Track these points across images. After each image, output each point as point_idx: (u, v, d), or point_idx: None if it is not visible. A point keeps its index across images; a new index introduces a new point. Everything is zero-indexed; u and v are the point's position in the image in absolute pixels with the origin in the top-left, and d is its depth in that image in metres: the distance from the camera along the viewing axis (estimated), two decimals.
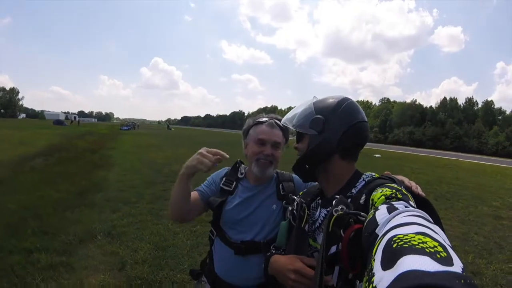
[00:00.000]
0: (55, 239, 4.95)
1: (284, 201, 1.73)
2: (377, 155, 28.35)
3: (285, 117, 1.35)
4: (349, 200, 1.08)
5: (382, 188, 0.98)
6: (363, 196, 1.06)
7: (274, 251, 1.42)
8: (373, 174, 1.20)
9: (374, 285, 0.54)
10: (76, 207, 6.70)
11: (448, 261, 0.50)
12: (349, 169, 1.24)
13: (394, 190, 0.94)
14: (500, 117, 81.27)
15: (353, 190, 1.16)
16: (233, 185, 1.87)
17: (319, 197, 1.32)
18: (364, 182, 1.17)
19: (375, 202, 0.93)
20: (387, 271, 0.53)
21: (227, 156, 1.57)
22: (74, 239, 4.99)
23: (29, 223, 5.50)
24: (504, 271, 4.96)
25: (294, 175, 1.83)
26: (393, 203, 0.84)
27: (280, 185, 1.84)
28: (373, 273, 0.57)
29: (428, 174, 16.38)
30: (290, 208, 1.38)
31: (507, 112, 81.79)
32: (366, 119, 1.24)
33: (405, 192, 0.95)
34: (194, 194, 1.83)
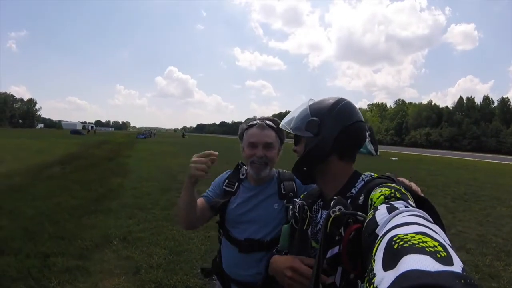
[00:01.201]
0: (71, 244, 5.02)
1: (286, 200, 1.78)
2: (393, 158, 28.18)
3: (283, 120, 1.36)
4: (349, 200, 1.08)
5: (381, 188, 0.98)
6: (362, 196, 1.06)
7: (275, 253, 1.42)
8: (372, 174, 1.20)
9: (375, 285, 0.54)
10: (92, 213, 6.80)
11: (448, 261, 0.50)
12: (347, 169, 1.24)
13: (393, 190, 0.93)
14: None
15: (353, 191, 1.15)
16: (235, 186, 1.90)
17: (320, 199, 1.32)
18: (363, 182, 1.16)
19: (374, 202, 0.93)
20: (388, 272, 0.53)
21: (216, 153, 1.61)
22: (90, 244, 5.04)
23: (46, 228, 5.60)
24: None
25: None
26: (392, 202, 0.84)
27: (281, 184, 1.86)
28: (374, 274, 0.57)
29: (445, 176, 16.18)
30: (291, 212, 1.37)
31: None
32: (362, 119, 1.24)
33: (404, 192, 0.95)
34: (200, 201, 1.89)
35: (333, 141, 1.17)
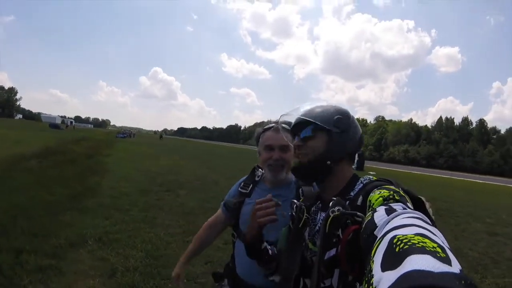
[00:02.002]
0: (45, 241, 4.86)
1: None
2: (371, 173, 28.48)
3: (302, 111, 1.30)
4: (347, 202, 1.08)
5: (380, 190, 0.98)
6: (360, 197, 1.07)
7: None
8: (371, 177, 1.20)
9: (373, 286, 0.54)
10: (68, 211, 6.63)
11: (447, 262, 0.50)
12: (349, 172, 1.26)
13: (391, 192, 0.94)
14: (494, 136, 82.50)
15: (352, 193, 1.15)
16: (250, 188, 1.95)
17: (319, 201, 1.32)
18: (362, 184, 1.16)
19: (373, 204, 0.92)
20: (387, 272, 0.53)
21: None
22: (65, 243, 4.90)
23: (20, 222, 5.42)
24: (499, 285, 5.03)
25: None
26: (391, 204, 0.85)
27: (300, 189, 1.79)
28: (372, 275, 0.56)
29: (422, 193, 16.32)
30: (289, 213, 1.38)
31: (502, 132, 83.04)
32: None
33: (403, 194, 0.95)
34: (219, 213, 2.09)
35: (356, 142, 1.25)
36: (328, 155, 1.22)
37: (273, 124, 1.88)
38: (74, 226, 5.73)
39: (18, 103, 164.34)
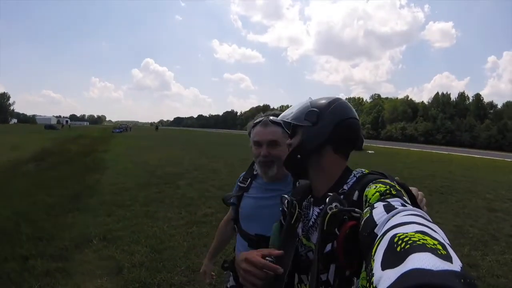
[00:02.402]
0: (50, 245, 4.90)
1: None
2: (370, 151, 28.58)
3: (283, 113, 1.37)
4: (342, 197, 1.07)
5: (376, 184, 0.97)
6: (356, 192, 1.06)
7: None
8: (363, 170, 1.20)
9: (374, 285, 0.54)
10: (69, 212, 6.66)
11: (448, 259, 0.50)
12: (340, 165, 1.24)
13: (388, 186, 0.93)
14: (491, 111, 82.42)
15: (345, 187, 1.15)
16: (248, 182, 1.94)
17: (310, 196, 1.31)
18: (355, 178, 1.16)
19: (370, 199, 0.92)
20: (387, 271, 0.53)
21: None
22: (70, 244, 4.94)
23: (23, 228, 5.44)
24: (500, 262, 5.04)
25: None
26: (389, 200, 0.84)
27: (297, 183, 1.82)
28: (373, 273, 0.57)
29: (421, 169, 16.52)
30: (280, 208, 1.39)
31: (499, 106, 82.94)
32: (357, 117, 1.27)
33: (399, 188, 0.94)
34: (229, 211, 2.11)
35: (331, 131, 1.19)
36: (299, 149, 1.25)
37: (262, 118, 1.84)
38: (77, 227, 5.76)
39: (11, 107, 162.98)
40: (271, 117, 1.81)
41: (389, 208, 0.78)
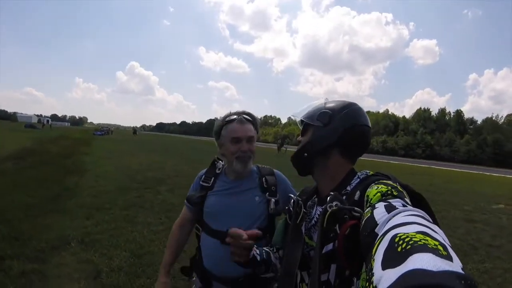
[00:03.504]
0: (27, 246, 4.80)
1: (267, 193, 1.87)
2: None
3: (296, 111, 1.38)
4: (344, 197, 1.08)
5: (377, 185, 0.98)
6: (358, 192, 1.07)
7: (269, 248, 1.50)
8: (368, 171, 1.21)
9: (374, 285, 0.55)
10: (48, 213, 6.55)
11: (448, 260, 0.51)
12: (345, 167, 1.25)
13: (389, 187, 0.94)
14: (471, 127, 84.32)
15: (348, 188, 1.16)
16: (212, 181, 1.94)
17: (315, 196, 1.33)
18: (358, 179, 1.17)
19: (371, 199, 0.93)
20: (387, 270, 0.53)
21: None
22: (47, 246, 4.85)
23: (0, 228, 5.34)
24: (480, 270, 5.18)
25: (275, 169, 2.03)
26: (390, 200, 0.84)
27: (263, 178, 1.92)
28: (373, 273, 0.57)
29: (402, 181, 16.61)
30: (287, 207, 1.41)
31: (479, 122, 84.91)
32: (370, 125, 1.28)
33: (401, 189, 0.95)
34: (184, 211, 2.07)
35: (340, 134, 1.20)
36: (307, 148, 1.28)
37: (234, 116, 1.88)
38: (55, 228, 5.65)
39: None
40: (245, 116, 1.88)
41: (390, 208, 0.78)
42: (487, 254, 5.98)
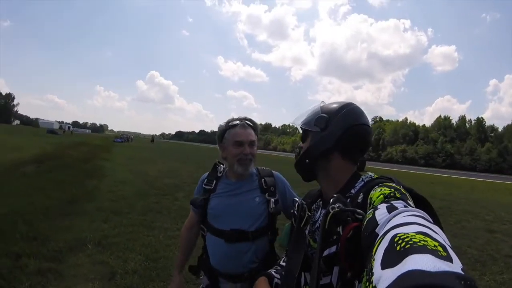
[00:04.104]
0: (44, 246, 4.87)
1: (267, 194, 1.96)
2: (370, 173, 28.52)
3: (295, 118, 1.40)
4: (348, 200, 1.08)
5: (381, 187, 0.98)
6: (361, 195, 1.07)
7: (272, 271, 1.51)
8: (372, 174, 1.21)
9: (373, 284, 0.54)
10: (66, 215, 6.65)
11: (448, 260, 0.50)
12: (348, 169, 1.25)
13: (392, 189, 0.93)
14: (492, 134, 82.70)
15: (352, 191, 1.16)
16: (214, 183, 2.02)
17: (320, 199, 1.33)
18: (363, 182, 1.17)
19: (374, 201, 0.92)
20: (386, 270, 0.53)
21: None
22: (64, 247, 4.91)
23: (19, 227, 5.42)
24: (498, 281, 5.03)
25: (274, 171, 2.11)
26: (392, 202, 0.84)
27: (263, 179, 2.00)
28: (372, 273, 0.57)
29: (420, 190, 16.36)
30: (292, 211, 1.40)
31: (499, 129, 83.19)
32: (369, 123, 1.28)
33: (404, 191, 0.94)
34: (191, 214, 2.15)
35: (338, 137, 1.20)
36: (307, 154, 1.29)
37: (237, 122, 1.96)
38: (73, 230, 5.72)
39: (15, 109, 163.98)
40: (247, 121, 1.98)
41: (391, 209, 0.78)
42: (506, 265, 5.82)
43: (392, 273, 0.51)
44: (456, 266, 0.49)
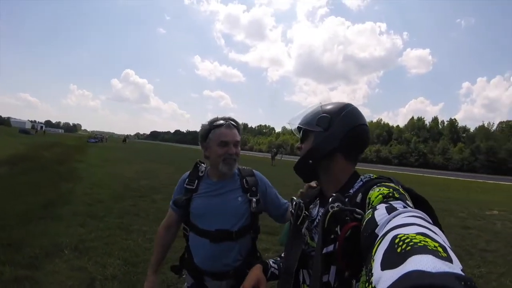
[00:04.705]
0: (20, 252, 4.74)
1: (249, 194, 1.99)
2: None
3: (292, 118, 1.40)
4: (347, 200, 1.09)
5: (379, 187, 0.98)
6: (360, 195, 1.08)
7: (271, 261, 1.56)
8: (371, 175, 1.21)
9: (373, 285, 0.55)
10: (41, 219, 6.49)
11: (448, 261, 0.50)
12: (349, 169, 1.26)
13: (391, 189, 0.94)
14: (464, 135, 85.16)
15: (351, 191, 1.17)
16: (196, 183, 2.03)
17: (318, 198, 1.35)
18: (362, 182, 1.18)
19: (372, 201, 0.93)
20: (386, 271, 0.53)
21: None
22: (40, 253, 4.79)
23: None
24: (475, 275, 5.21)
25: (255, 170, 2.15)
26: (391, 202, 0.84)
27: (244, 179, 2.03)
28: (372, 273, 0.57)
29: None
30: (290, 209, 1.40)
31: (472, 130, 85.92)
32: (367, 123, 1.30)
33: (403, 192, 0.95)
34: (170, 213, 2.15)
35: (342, 137, 1.21)
36: (310, 154, 1.28)
37: (222, 121, 1.97)
38: (48, 235, 5.59)
39: None
40: (231, 122, 1.99)
41: (391, 210, 0.78)
42: (482, 259, 6.04)
43: (392, 274, 0.51)
44: (456, 266, 0.50)
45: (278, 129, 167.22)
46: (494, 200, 14.78)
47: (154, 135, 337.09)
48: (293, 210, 1.34)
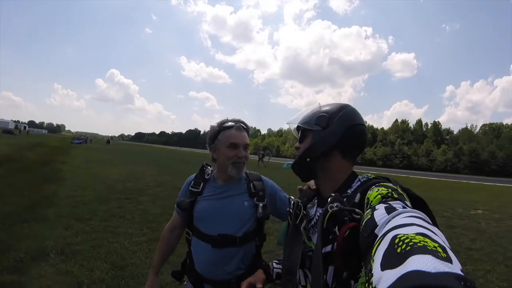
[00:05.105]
0: (5, 256, 4.68)
1: (256, 198, 1.93)
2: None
3: (290, 118, 1.41)
4: (345, 200, 1.09)
5: (378, 187, 0.98)
6: (358, 195, 1.08)
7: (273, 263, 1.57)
8: (369, 175, 1.22)
9: (373, 285, 0.55)
10: (25, 222, 6.38)
11: (448, 261, 0.51)
12: (347, 169, 1.27)
13: (390, 190, 0.94)
14: (448, 137, 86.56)
15: (349, 191, 1.18)
16: (201, 186, 1.98)
17: (315, 198, 1.36)
18: (359, 182, 1.19)
19: (371, 201, 0.93)
20: (386, 271, 0.53)
21: None
22: (25, 257, 4.72)
23: None
24: None
25: (262, 175, 2.08)
26: (390, 202, 0.84)
27: (251, 184, 1.97)
28: (372, 274, 0.57)
29: None
30: (288, 209, 1.40)
31: (455, 132, 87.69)
32: (365, 124, 1.32)
33: (401, 192, 0.96)
34: (174, 216, 2.10)
35: (339, 136, 1.23)
36: (308, 153, 1.29)
37: (232, 123, 1.93)
38: (33, 238, 5.51)
39: None
40: (241, 124, 1.95)
41: (390, 210, 0.78)
42: (468, 257, 6.17)
43: (392, 274, 0.51)
44: (455, 267, 0.50)
45: (264, 131, 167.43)
46: (478, 200, 15.03)
47: (139, 136, 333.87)
48: (291, 210, 1.35)
